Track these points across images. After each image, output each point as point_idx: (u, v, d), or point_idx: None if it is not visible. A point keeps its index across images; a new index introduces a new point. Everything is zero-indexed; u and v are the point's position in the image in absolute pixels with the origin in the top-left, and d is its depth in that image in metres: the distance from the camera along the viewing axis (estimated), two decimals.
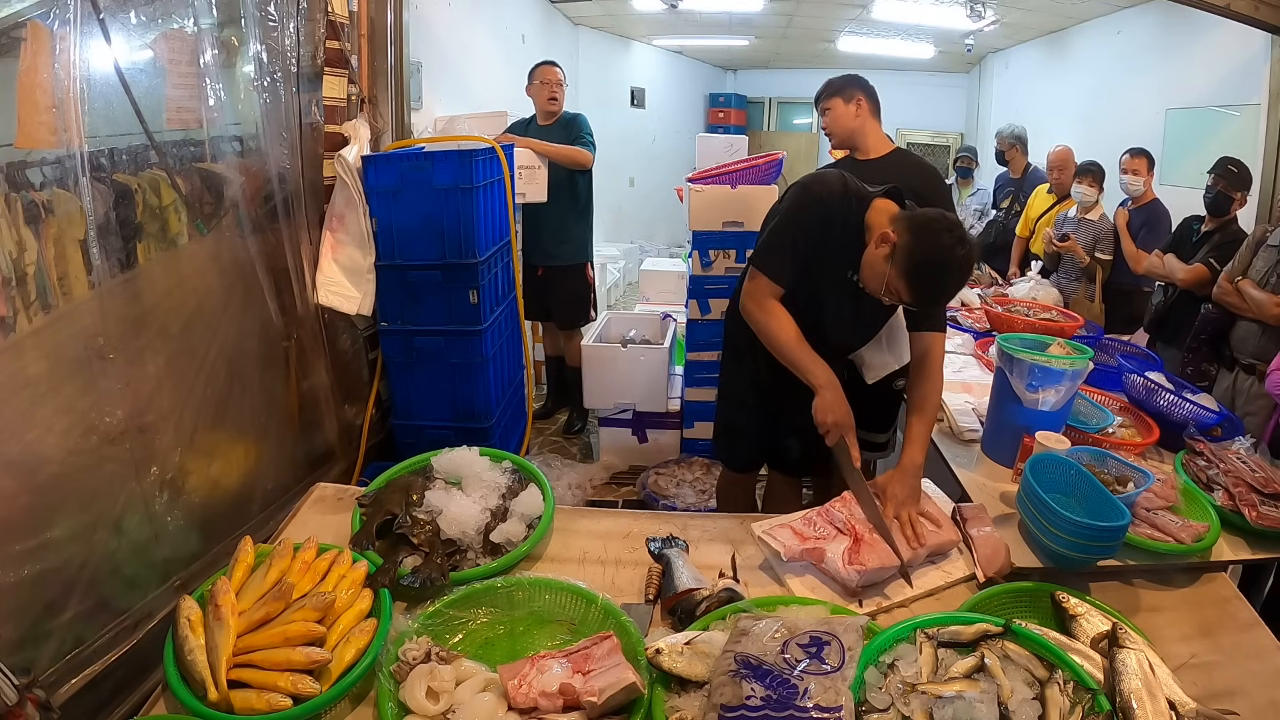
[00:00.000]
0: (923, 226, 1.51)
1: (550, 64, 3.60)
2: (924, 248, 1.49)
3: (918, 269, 1.50)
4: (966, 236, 1.51)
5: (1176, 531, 1.47)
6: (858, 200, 1.67)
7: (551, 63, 3.62)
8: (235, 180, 2.09)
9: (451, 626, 1.23)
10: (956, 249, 1.48)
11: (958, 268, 1.50)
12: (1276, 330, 2.35)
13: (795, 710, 0.95)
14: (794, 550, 1.38)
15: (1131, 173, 3.39)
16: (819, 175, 1.77)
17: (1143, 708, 1.00)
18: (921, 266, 1.50)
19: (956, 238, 1.49)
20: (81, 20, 1.54)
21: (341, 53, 2.57)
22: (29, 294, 1.47)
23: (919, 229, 1.51)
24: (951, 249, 1.48)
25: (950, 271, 1.51)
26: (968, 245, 1.50)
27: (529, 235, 3.59)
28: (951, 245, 1.48)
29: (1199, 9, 3.34)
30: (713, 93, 9.04)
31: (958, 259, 1.49)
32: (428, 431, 2.80)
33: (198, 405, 1.92)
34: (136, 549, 1.74)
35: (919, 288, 1.52)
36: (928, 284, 1.52)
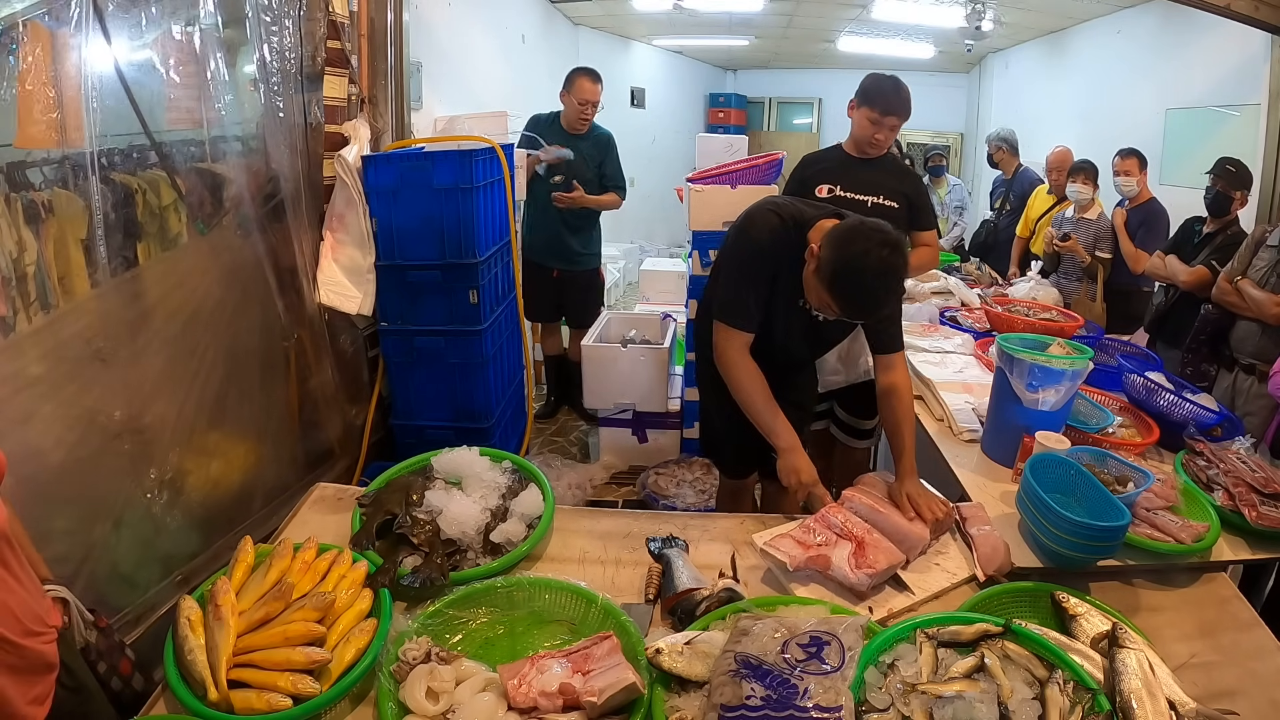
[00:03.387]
0: (840, 236, 1.51)
1: (593, 79, 3.47)
2: (841, 256, 1.48)
3: (837, 277, 1.49)
4: (891, 241, 1.47)
5: (1176, 531, 1.47)
6: (798, 227, 1.66)
7: (595, 77, 3.49)
8: (236, 180, 2.09)
9: (451, 626, 1.23)
10: (874, 253, 1.45)
11: (877, 272, 1.46)
12: (1276, 330, 2.35)
13: (795, 710, 0.95)
14: (799, 560, 1.38)
15: (1124, 174, 3.40)
16: (752, 216, 1.73)
17: (1143, 708, 1.00)
18: (840, 275, 1.48)
19: (875, 243, 1.46)
20: (82, 20, 1.55)
21: (342, 52, 2.57)
22: (29, 294, 1.47)
23: (836, 239, 1.51)
24: (866, 254, 1.45)
25: (868, 275, 1.46)
26: (891, 249, 1.46)
27: (545, 238, 3.57)
28: (867, 250, 1.45)
29: (1199, 9, 3.33)
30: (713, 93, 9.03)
31: (875, 263, 1.45)
32: (428, 431, 2.80)
33: (198, 404, 1.92)
34: (137, 547, 1.75)
35: (842, 296, 1.51)
36: (850, 292, 1.50)
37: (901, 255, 1.49)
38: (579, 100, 3.45)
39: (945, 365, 2.51)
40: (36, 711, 1.02)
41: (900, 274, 1.52)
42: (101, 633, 1.25)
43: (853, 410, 2.51)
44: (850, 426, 2.55)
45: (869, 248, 1.45)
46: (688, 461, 3.24)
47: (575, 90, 3.45)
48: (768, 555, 1.42)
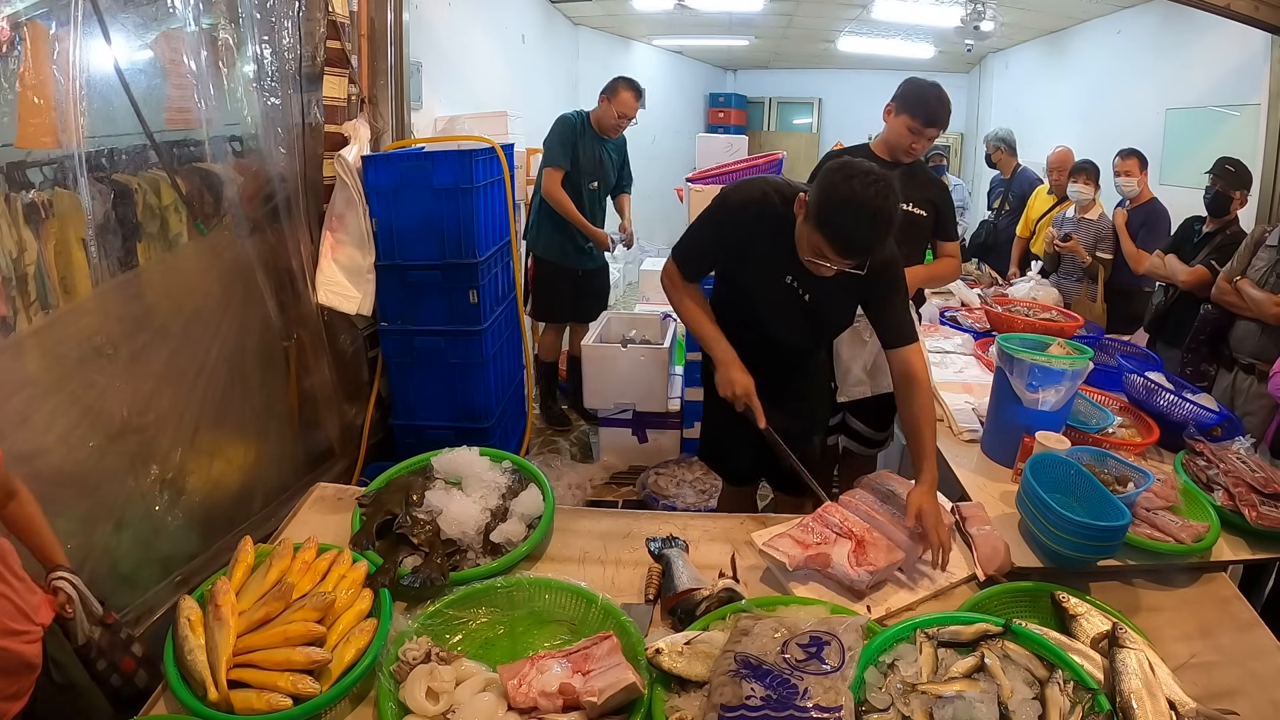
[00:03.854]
0: (826, 173, 1.48)
1: (636, 94, 3.51)
2: (826, 189, 1.44)
3: (822, 210, 1.45)
4: (878, 179, 1.42)
5: (1176, 531, 1.47)
6: (783, 199, 1.62)
7: (639, 93, 3.53)
8: (235, 180, 2.09)
9: (451, 626, 1.23)
10: (856, 184, 1.41)
11: (862, 203, 1.41)
12: (1276, 329, 2.35)
13: (795, 710, 0.95)
14: (798, 559, 1.38)
15: (1124, 174, 3.39)
16: (739, 182, 1.72)
17: (1143, 708, 1.00)
18: (825, 207, 1.44)
19: (861, 175, 1.42)
20: (81, 20, 1.55)
21: (342, 52, 2.57)
22: (29, 294, 1.47)
23: (823, 176, 1.48)
24: (849, 182, 1.41)
25: (853, 205, 1.41)
26: (878, 186, 1.41)
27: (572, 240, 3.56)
28: (849, 179, 1.41)
29: (1199, 9, 3.33)
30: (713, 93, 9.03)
31: (859, 194, 1.40)
32: (428, 431, 2.80)
33: (198, 404, 1.92)
34: (137, 547, 1.75)
35: (830, 233, 1.45)
36: (836, 226, 1.45)
37: (890, 195, 1.43)
38: (619, 113, 3.49)
39: (945, 365, 2.51)
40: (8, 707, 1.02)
41: (888, 213, 1.44)
42: (107, 629, 1.25)
43: (868, 420, 2.49)
44: (864, 436, 2.53)
45: (854, 181, 1.42)
46: (688, 461, 3.24)
47: (618, 102, 3.48)
48: (767, 555, 1.41)
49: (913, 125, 2.17)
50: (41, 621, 1.12)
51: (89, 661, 1.23)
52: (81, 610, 1.22)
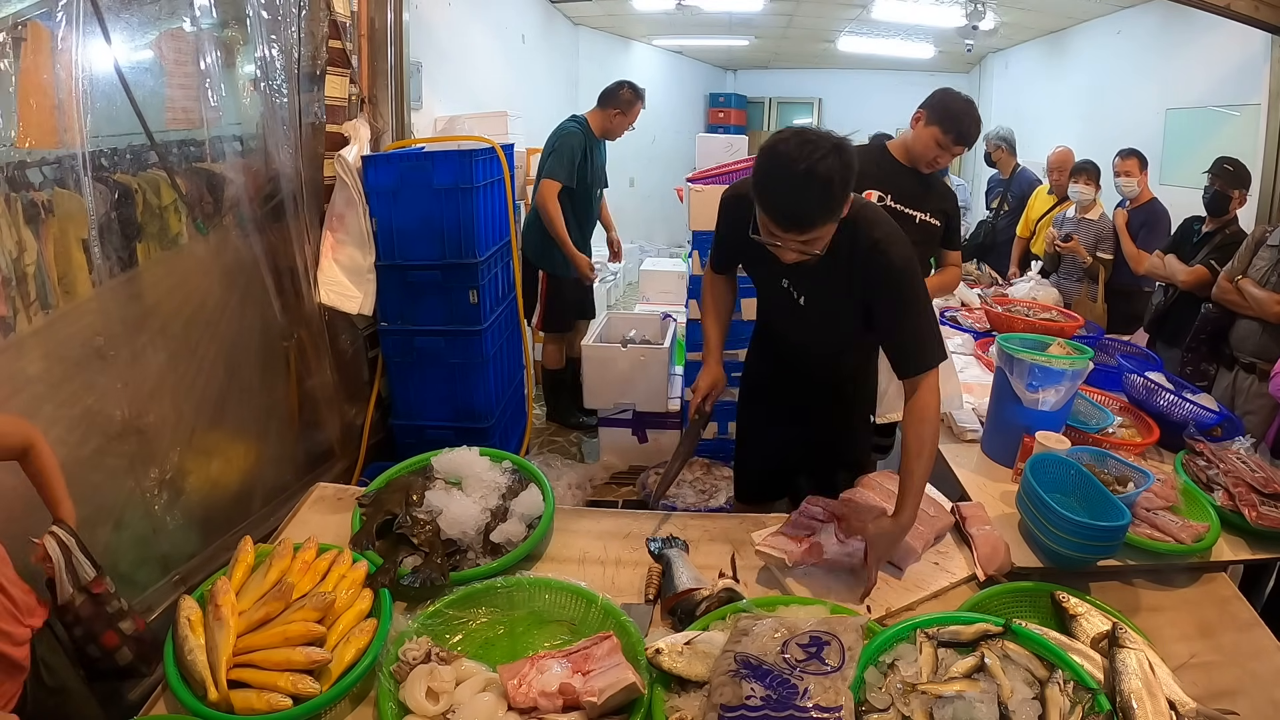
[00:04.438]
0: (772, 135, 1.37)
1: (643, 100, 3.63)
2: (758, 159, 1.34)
3: (756, 183, 1.34)
4: (810, 138, 1.29)
5: (1176, 531, 1.47)
6: None
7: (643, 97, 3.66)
8: (236, 180, 2.09)
9: (451, 626, 1.23)
10: (784, 145, 1.29)
11: (789, 164, 1.27)
12: (1277, 329, 2.35)
13: (795, 710, 0.95)
14: (796, 554, 1.38)
15: (1124, 174, 3.39)
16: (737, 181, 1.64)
17: (1143, 708, 1.00)
18: (757, 177, 1.34)
19: (790, 139, 1.30)
20: (81, 20, 1.55)
21: (343, 52, 2.57)
22: (29, 294, 1.47)
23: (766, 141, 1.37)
24: (776, 146, 1.30)
25: (781, 168, 1.28)
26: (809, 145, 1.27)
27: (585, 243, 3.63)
28: (777, 143, 1.30)
29: (1199, 9, 3.34)
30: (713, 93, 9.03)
31: (786, 155, 1.28)
32: (428, 431, 2.80)
33: (198, 404, 1.92)
34: (137, 546, 1.75)
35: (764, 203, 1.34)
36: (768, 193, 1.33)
37: (825, 153, 1.27)
38: (632, 123, 3.58)
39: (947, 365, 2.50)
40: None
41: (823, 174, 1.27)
42: (92, 597, 1.22)
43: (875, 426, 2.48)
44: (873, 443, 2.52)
45: (782, 144, 1.30)
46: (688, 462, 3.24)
47: (632, 114, 3.55)
48: (765, 555, 1.41)
49: (943, 140, 2.11)
50: (31, 624, 1.11)
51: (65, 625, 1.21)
52: (64, 571, 1.20)
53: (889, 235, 1.45)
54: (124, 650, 1.26)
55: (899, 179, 2.20)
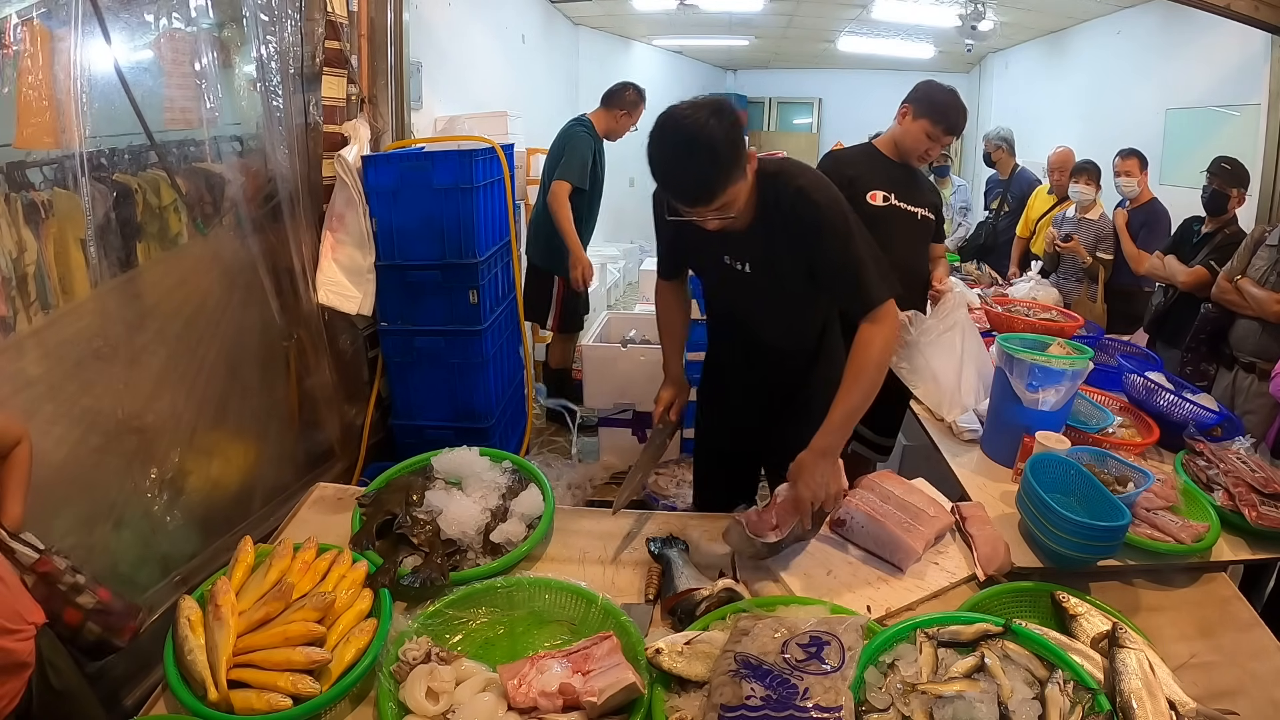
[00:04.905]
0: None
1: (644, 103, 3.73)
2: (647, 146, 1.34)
3: (651, 163, 1.34)
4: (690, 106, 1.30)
5: (1176, 531, 1.46)
6: None
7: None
8: (235, 180, 2.09)
9: (451, 626, 1.23)
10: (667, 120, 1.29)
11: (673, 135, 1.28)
12: (1276, 328, 2.35)
13: (795, 710, 0.95)
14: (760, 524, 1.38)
15: (1124, 174, 3.39)
16: None
17: (1143, 708, 1.00)
18: (650, 156, 1.33)
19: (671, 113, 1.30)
20: (81, 20, 1.55)
21: (341, 53, 2.57)
22: (29, 294, 1.47)
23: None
24: (660, 123, 1.31)
25: (667, 142, 1.30)
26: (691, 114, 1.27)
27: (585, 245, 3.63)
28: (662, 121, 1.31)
29: (1199, 9, 3.34)
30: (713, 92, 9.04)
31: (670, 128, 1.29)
32: (428, 431, 2.80)
33: (198, 404, 1.92)
34: (137, 547, 1.75)
35: (660, 179, 1.35)
36: (660, 170, 1.34)
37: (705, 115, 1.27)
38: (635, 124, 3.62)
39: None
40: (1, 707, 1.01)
41: (707, 137, 1.26)
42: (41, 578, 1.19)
43: (874, 427, 2.49)
44: (873, 443, 2.53)
45: (666, 119, 1.31)
46: (688, 461, 3.24)
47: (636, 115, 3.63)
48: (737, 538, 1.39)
49: (932, 131, 2.12)
50: (34, 620, 1.11)
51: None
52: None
53: (812, 183, 1.45)
54: (89, 625, 1.23)
55: (898, 178, 2.21)
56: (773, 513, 1.41)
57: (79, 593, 1.24)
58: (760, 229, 1.47)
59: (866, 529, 1.48)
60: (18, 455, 1.25)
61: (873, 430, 2.50)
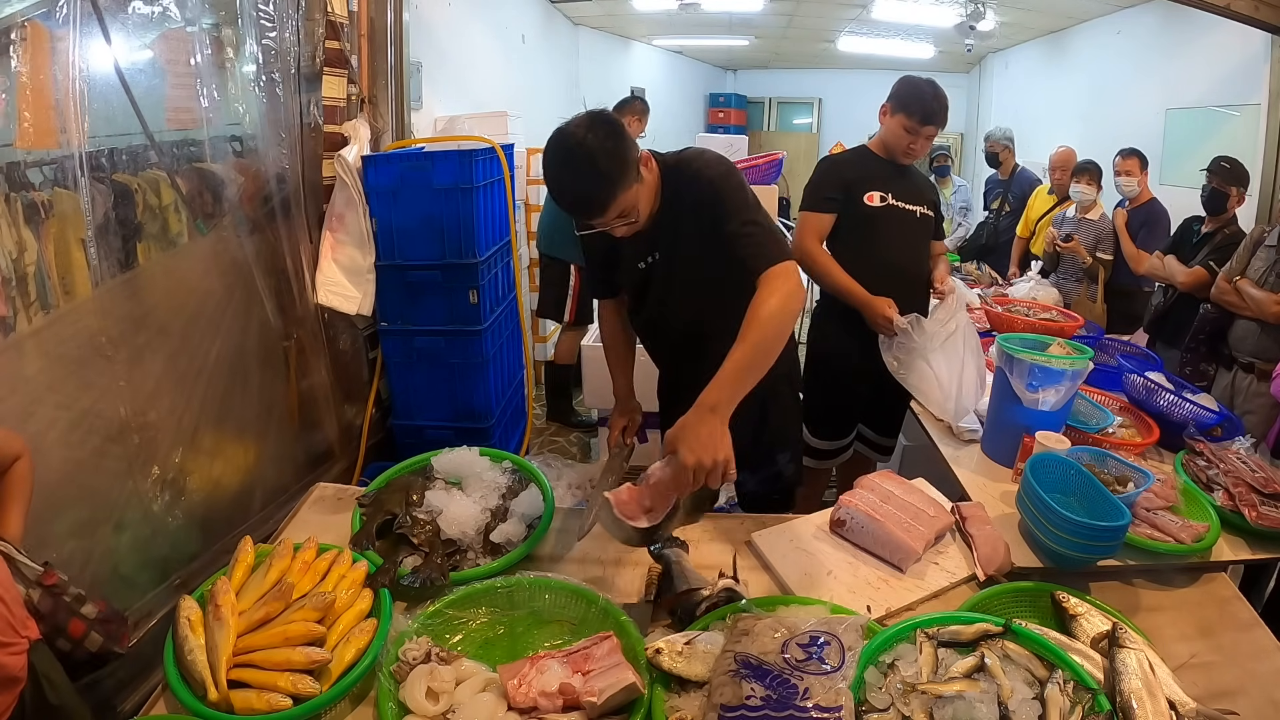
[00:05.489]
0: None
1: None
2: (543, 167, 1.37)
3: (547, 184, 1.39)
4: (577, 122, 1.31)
5: (1176, 531, 1.47)
6: None
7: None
8: (235, 180, 2.09)
9: (451, 626, 1.23)
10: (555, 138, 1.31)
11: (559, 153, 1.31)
12: (1276, 328, 2.35)
13: (795, 710, 0.95)
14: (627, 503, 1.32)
15: (1125, 174, 3.40)
16: None
17: (1143, 708, 1.00)
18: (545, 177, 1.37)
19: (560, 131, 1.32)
20: (81, 20, 1.55)
21: (341, 53, 2.57)
22: (29, 294, 1.47)
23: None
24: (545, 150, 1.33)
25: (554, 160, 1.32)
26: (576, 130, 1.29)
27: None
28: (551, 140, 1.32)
29: (1199, 9, 3.34)
30: (713, 93, 9.04)
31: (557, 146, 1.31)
32: (428, 431, 2.80)
33: (198, 404, 1.92)
34: (137, 548, 1.75)
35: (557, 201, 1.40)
36: (552, 190, 1.39)
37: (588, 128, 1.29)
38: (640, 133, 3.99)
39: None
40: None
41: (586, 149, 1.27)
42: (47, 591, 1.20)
43: (878, 428, 2.49)
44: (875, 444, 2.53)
45: (552, 141, 1.33)
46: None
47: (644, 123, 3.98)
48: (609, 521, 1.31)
49: (908, 124, 2.13)
50: (28, 634, 1.10)
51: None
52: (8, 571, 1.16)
53: (698, 155, 1.51)
54: (92, 635, 1.24)
55: (892, 177, 2.23)
56: (645, 492, 1.28)
57: (81, 603, 1.25)
58: (667, 219, 1.50)
59: (866, 529, 1.48)
60: (18, 470, 1.24)
61: (873, 430, 2.51)
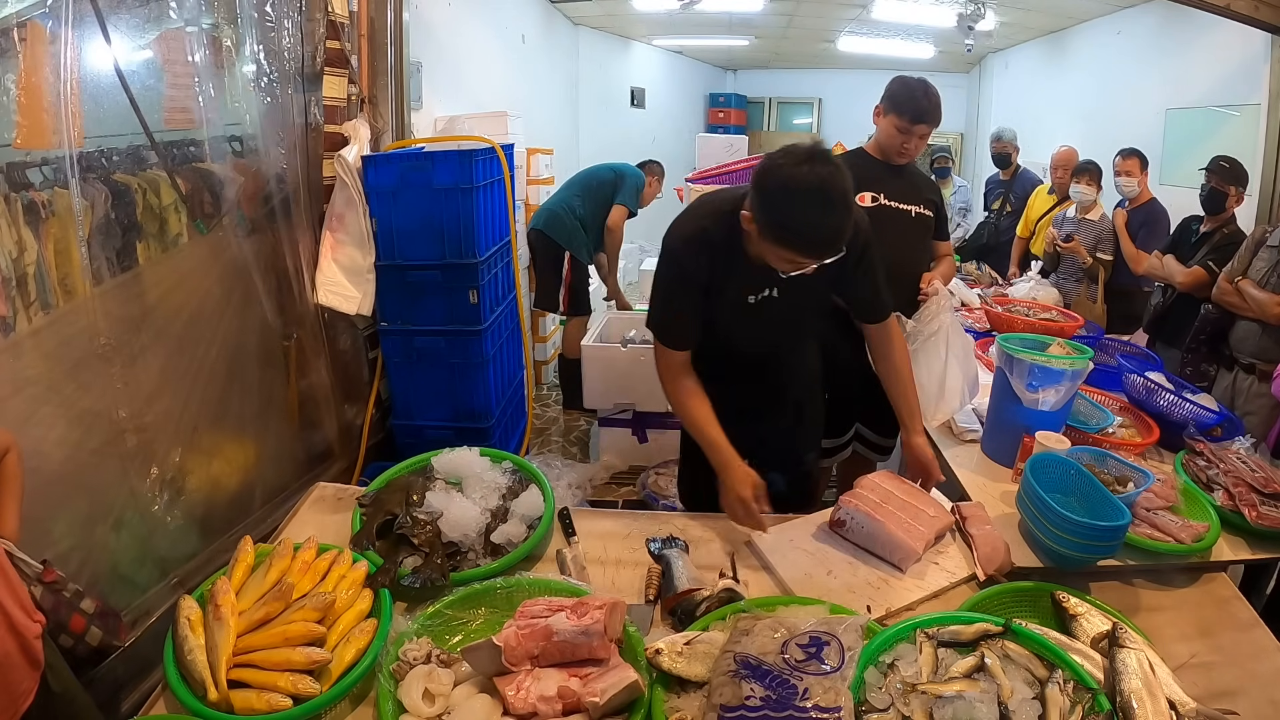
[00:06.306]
0: (756, 183, 1.31)
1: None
2: (762, 194, 1.30)
3: (775, 224, 1.30)
4: (811, 154, 1.27)
5: (1176, 531, 1.47)
6: (725, 215, 1.47)
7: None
8: (235, 180, 2.09)
9: (451, 627, 1.23)
10: (794, 172, 1.25)
11: (806, 191, 1.25)
12: (1277, 330, 2.35)
13: (795, 710, 0.95)
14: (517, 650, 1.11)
15: (1125, 174, 3.39)
16: (672, 229, 1.56)
17: (1143, 707, 1.00)
18: (770, 213, 1.30)
19: (793, 161, 1.26)
20: (80, 20, 1.54)
21: (341, 53, 2.57)
22: (29, 294, 1.47)
23: (755, 187, 1.32)
24: (789, 178, 1.26)
25: (800, 198, 1.25)
26: (812, 161, 1.25)
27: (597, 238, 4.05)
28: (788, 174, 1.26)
29: (1199, 9, 3.34)
30: (713, 93, 9.03)
31: (801, 183, 1.25)
32: (428, 431, 2.80)
33: (198, 404, 1.92)
34: (136, 547, 1.75)
35: (795, 237, 1.31)
36: (795, 228, 1.29)
37: (828, 163, 1.27)
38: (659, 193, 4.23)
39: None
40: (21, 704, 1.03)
41: (836, 185, 1.26)
42: (49, 588, 1.20)
43: (877, 429, 2.49)
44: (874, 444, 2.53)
45: (790, 172, 1.26)
46: None
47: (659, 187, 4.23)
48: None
49: (900, 124, 2.13)
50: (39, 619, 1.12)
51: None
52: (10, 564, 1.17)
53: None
54: (93, 630, 1.25)
55: (884, 177, 2.23)
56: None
57: (80, 598, 1.26)
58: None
59: (866, 529, 1.48)
60: (8, 465, 1.23)
61: (872, 430, 2.50)
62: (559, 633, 1.08)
